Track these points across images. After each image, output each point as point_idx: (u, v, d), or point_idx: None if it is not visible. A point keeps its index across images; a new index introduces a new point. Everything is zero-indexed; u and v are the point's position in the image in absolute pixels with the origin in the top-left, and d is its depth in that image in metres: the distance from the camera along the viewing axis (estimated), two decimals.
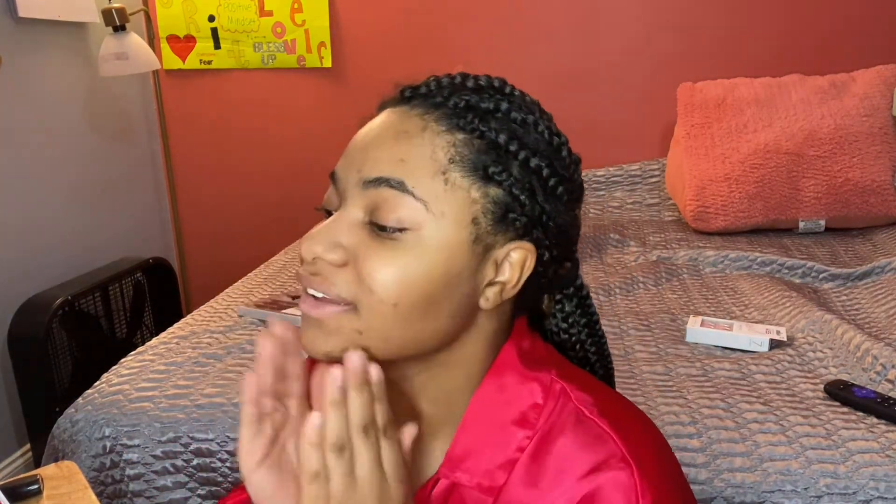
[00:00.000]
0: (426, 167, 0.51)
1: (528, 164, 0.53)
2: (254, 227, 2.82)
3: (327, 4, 2.55)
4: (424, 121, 0.52)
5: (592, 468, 0.50)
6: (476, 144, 0.52)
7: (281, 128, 2.71)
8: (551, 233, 0.54)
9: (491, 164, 0.52)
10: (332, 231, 0.52)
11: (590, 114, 2.52)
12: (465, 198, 0.51)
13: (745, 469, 0.96)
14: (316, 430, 0.47)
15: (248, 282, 1.84)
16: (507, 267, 0.54)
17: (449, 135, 0.52)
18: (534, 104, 0.57)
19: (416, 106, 0.54)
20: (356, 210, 0.52)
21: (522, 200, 0.52)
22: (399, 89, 0.56)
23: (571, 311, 0.63)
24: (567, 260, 0.59)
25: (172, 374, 1.29)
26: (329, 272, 0.51)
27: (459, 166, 0.51)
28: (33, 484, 0.83)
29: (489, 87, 0.55)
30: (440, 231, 0.51)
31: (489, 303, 0.54)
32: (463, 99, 0.53)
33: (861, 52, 2.31)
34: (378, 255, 0.50)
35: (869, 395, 1.07)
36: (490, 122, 0.53)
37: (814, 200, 2.03)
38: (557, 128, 0.57)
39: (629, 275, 1.77)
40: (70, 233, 2.33)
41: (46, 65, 2.22)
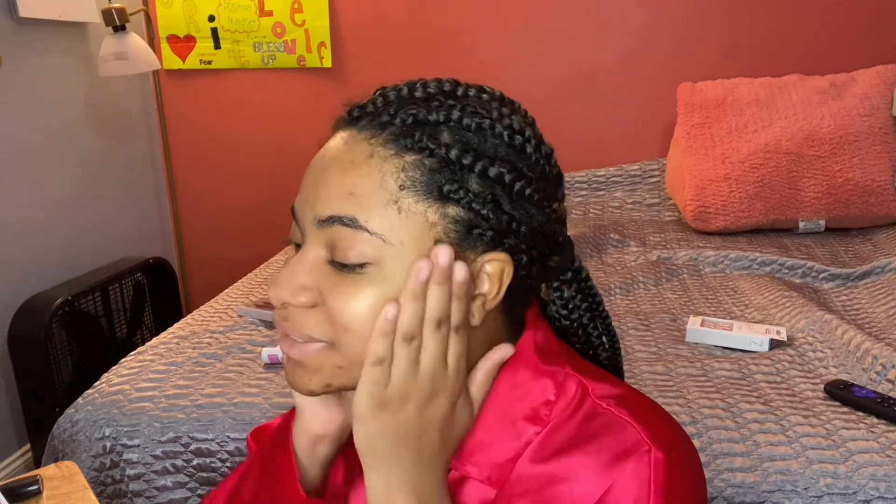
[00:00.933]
0: (377, 198, 0.49)
1: (487, 174, 0.50)
2: (254, 227, 2.82)
3: (327, 4, 2.55)
4: (371, 146, 0.50)
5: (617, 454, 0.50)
6: (427, 164, 0.49)
7: (281, 128, 2.71)
8: (525, 237, 0.52)
9: (445, 182, 0.49)
10: (296, 273, 0.51)
11: (590, 114, 2.52)
12: (423, 222, 0.49)
13: (745, 469, 0.96)
14: (388, 321, 0.49)
15: (248, 282, 1.84)
16: (484, 279, 0.52)
17: (397, 158, 0.49)
18: (491, 101, 0.53)
19: (363, 127, 0.51)
20: (317, 248, 0.51)
21: (485, 214, 0.50)
22: (347, 109, 0.54)
23: (571, 296, 0.62)
24: (553, 254, 0.56)
25: (172, 374, 1.29)
26: (299, 315, 0.51)
27: (412, 192, 0.49)
28: (33, 484, 0.83)
29: (439, 93, 0.53)
30: (402, 260, 0.49)
31: (474, 319, 0.53)
32: (409, 114, 0.50)
33: (861, 52, 2.31)
34: (344, 291, 0.50)
35: (869, 395, 1.07)
36: (440, 135, 0.50)
37: (814, 200, 2.02)
38: (521, 122, 0.53)
39: (629, 275, 1.77)
40: (70, 233, 2.33)
41: (46, 65, 2.23)
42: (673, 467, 0.49)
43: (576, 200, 2.43)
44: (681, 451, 0.51)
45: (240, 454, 1.13)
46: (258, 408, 1.17)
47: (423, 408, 0.50)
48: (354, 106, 0.54)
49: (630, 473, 0.49)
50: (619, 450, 0.50)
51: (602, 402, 0.53)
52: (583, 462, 0.51)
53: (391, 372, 0.49)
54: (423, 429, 0.51)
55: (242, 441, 1.13)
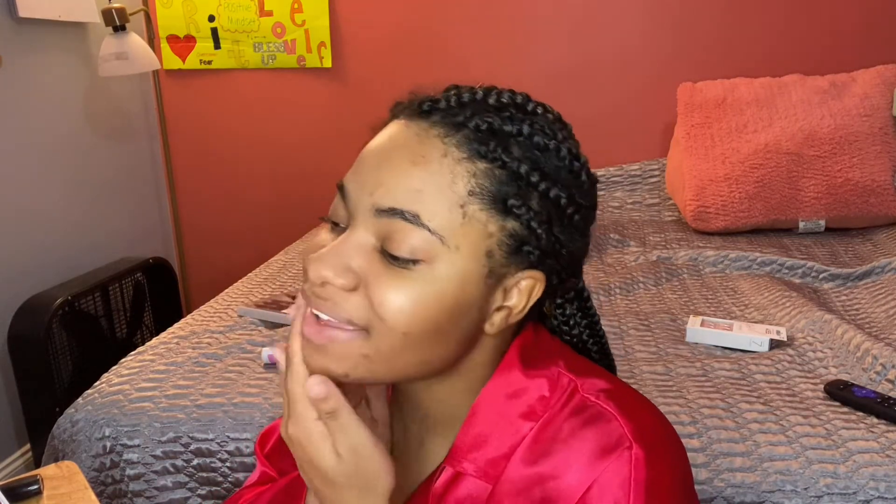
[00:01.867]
0: (444, 198, 0.49)
1: (549, 195, 0.51)
2: (254, 227, 2.82)
3: (327, 4, 2.55)
4: (445, 145, 0.50)
5: (601, 449, 0.50)
6: (497, 175, 0.49)
7: (281, 128, 2.71)
8: (563, 260, 0.53)
9: (511, 196, 0.49)
10: (342, 254, 0.50)
11: (590, 114, 2.52)
12: (482, 231, 0.49)
13: (745, 469, 0.96)
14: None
15: (248, 282, 1.84)
16: (515, 293, 0.53)
17: (470, 163, 0.49)
18: (556, 122, 0.55)
19: (435, 123, 0.51)
20: (367, 235, 0.50)
21: (539, 234, 0.51)
22: (417, 100, 0.53)
23: (573, 313, 0.63)
24: (574, 277, 0.58)
25: (172, 374, 1.29)
26: (338, 297, 0.50)
27: (479, 198, 0.49)
28: (33, 484, 0.83)
29: (512, 104, 0.53)
30: (454, 264, 0.49)
31: (494, 327, 0.53)
32: (485, 121, 0.50)
33: (861, 52, 2.31)
34: (389, 283, 0.49)
35: (869, 395, 1.07)
36: (512, 149, 0.50)
37: (814, 200, 2.02)
38: (577, 147, 0.55)
39: (629, 275, 1.77)
40: (70, 233, 2.33)
41: (46, 65, 2.22)
42: (655, 464, 0.50)
43: None
44: (664, 447, 0.52)
45: (240, 454, 1.13)
46: (258, 408, 1.17)
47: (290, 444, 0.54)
48: (426, 99, 0.53)
49: (611, 472, 0.49)
50: (602, 444, 0.50)
51: (591, 395, 0.54)
52: (568, 458, 0.51)
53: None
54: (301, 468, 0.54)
55: (242, 441, 1.13)
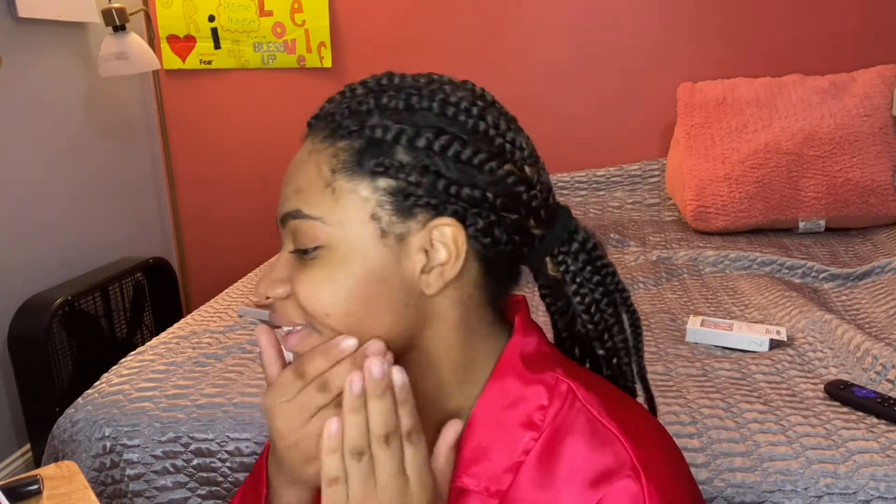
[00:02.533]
0: (315, 186, 0.53)
1: (414, 144, 0.52)
2: (254, 227, 2.82)
3: (327, 4, 2.55)
4: (312, 144, 0.55)
5: (601, 473, 0.50)
6: (357, 146, 0.53)
7: (281, 128, 2.71)
8: (470, 200, 0.52)
9: (371, 158, 0.52)
10: (274, 270, 0.56)
11: (590, 113, 2.52)
12: (356, 198, 0.52)
13: (745, 469, 0.96)
14: (334, 438, 0.47)
15: (248, 282, 1.84)
16: (440, 248, 0.52)
17: (331, 147, 0.53)
18: (428, 84, 0.55)
19: (309, 133, 0.56)
20: (288, 244, 0.56)
21: (416, 181, 0.51)
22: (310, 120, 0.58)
23: (578, 269, 0.58)
24: (528, 218, 0.55)
25: (172, 374, 1.29)
26: (280, 306, 0.56)
27: (343, 173, 0.52)
28: (33, 484, 0.83)
29: (377, 84, 0.56)
30: (345, 238, 0.52)
31: (432, 288, 0.53)
32: (344, 108, 0.54)
33: (861, 52, 2.31)
34: (301, 277, 0.53)
35: (869, 395, 1.07)
36: (370, 119, 0.53)
37: (814, 200, 2.02)
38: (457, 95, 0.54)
39: (629, 275, 1.77)
40: (70, 233, 2.33)
41: (46, 65, 2.22)
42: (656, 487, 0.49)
43: (576, 200, 2.43)
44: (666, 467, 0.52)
45: (240, 454, 1.13)
46: (258, 408, 1.16)
47: None
48: (311, 118, 0.58)
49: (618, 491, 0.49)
50: (603, 469, 0.50)
51: (592, 409, 0.53)
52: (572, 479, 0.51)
53: (348, 493, 0.48)
54: None
55: (242, 441, 1.13)
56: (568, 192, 2.45)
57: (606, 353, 0.61)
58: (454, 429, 0.52)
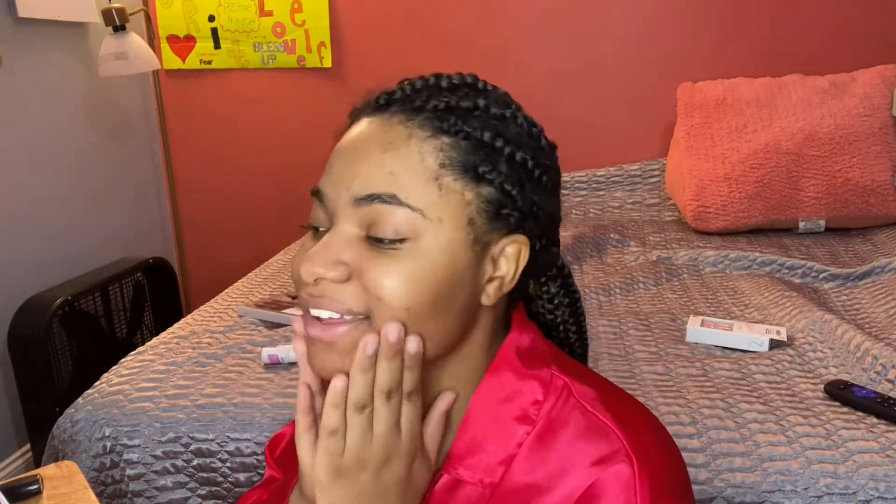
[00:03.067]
0: (417, 176, 0.51)
1: (514, 158, 0.53)
2: (254, 227, 2.82)
3: (327, 4, 2.55)
4: (408, 128, 0.52)
5: (595, 461, 0.51)
6: (463, 146, 0.52)
7: (281, 128, 2.71)
8: (542, 222, 0.56)
9: (480, 163, 0.52)
10: (330, 248, 0.51)
11: (590, 114, 2.52)
12: (460, 200, 0.51)
13: (745, 469, 0.96)
14: (338, 393, 0.51)
15: (248, 282, 1.84)
16: (503, 262, 0.54)
17: (435, 139, 0.52)
18: (507, 96, 0.57)
19: (395, 113, 0.53)
20: (350, 226, 0.52)
21: (514, 195, 0.53)
22: (373, 97, 0.56)
23: (556, 292, 0.64)
24: (554, 245, 0.60)
25: (172, 374, 1.29)
26: (334, 290, 0.51)
27: (451, 170, 0.51)
28: (33, 484, 0.83)
29: (463, 84, 0.56)
30: (439, 237, 0.51)
31: (490, 299, 0.55)
32: (442, 101, 0.53)
33: (861, 52, 2.31)
34: (381, 265, 0.50)
35: (869, 395, 1.07)
36: (472, 121, 0.53)
37: (814, 200, 2.03)
38: (531, 117, 0.57)
39: (629, 275, 1.77)
40: (70, 233, 2.33)
41: (46, 65, 2.22)
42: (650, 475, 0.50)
43: (576, 200, 2.43)
44: (661, 456, 0.52)
45: (240, 454, 1.13)
46: (258, 408, 1.17)
47: (378, 473, 0.52)
48: (382, 93, 0.55)
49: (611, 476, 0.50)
50: (597, 457, 0.51)
51: (587, 403, 0.54)
52: (562, 472, 0.52)
53: (346, 441, 0.51)
54: (381, 493, 0.52)
55: (243, 441, 1.13)
56: (568, 192, 2.45)
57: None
58: (447, 399, 0.56)
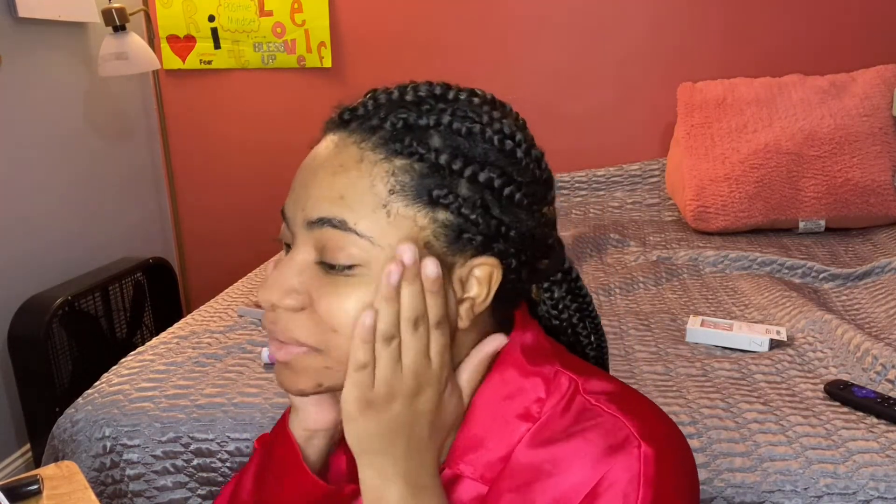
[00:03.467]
0: (366, 201, 0.49)
1: (477, 179, 0.50)
2: (254, 227, 2.82)
3: (327, 4, 2.55)
4: (361, 150, 0.50)
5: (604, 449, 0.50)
6: (417, 169, 0.49)
7: (281, 128, 2.71)
8: (514, 241, 0.52)
9: (435, 187, 0.49)
10: (285, 276, 0.51)
11: (590, 114, 2.52)
12: (412, 226, 0.49)
13: (745, 469, 0.96)
14: (367, 328, 0.49)
15: (248, 282, 1.84)
16: (473, 283, 0.52)
17: (387, 163, 0.49)
18: (482, 105, 0.54)
19: (353, 131, 0.51)
20: (306, 250, 0.51)
21: (475, 219, 0.50)
22: (338, 112, 0.54)
23: (561, 296, 0.62)
24: (543, 257, 0.57)
25: (172, 374, 1.29)
26: (287, 319, 0.51)
27: (401, 196, 0.49)
28: (33, 484, 0.83)
29: (430, 96, 0.53)
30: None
31: (464, 321, 0.53)
32: (400, 118, 0.51)
33: (861, 52, 2.31)
34: (333, 293, 0.50)
35: (869, 395, 1.07)
36: (430, 140, 0.50)
37: (814, 200, 2.03)
38: (512, 126, 0.53)
39: (629, 275, 1.77)
40: (70, 233, 2.33)
41: (46, 65, 2.22)
42: (663, 462, 0.50)
43: (576, 200, 2.43)
44: (671, 447, 0.52)
45: (240, 454, 1.13)
46: (258, 408, 1.17)
47: (410, 403, 0.51)
48: (345, 108, 0.54)
49: (620, 467, 0.49)
50: (608, 444, 0.50)
51: (592, 397, 0.53)
52: (572, 456, 0.51)
53: (375, 374, 0.50)
54: (412, 422, 0.51)
55: (243, 441, 1.13)
56: (568, 192, 2.45)
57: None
58: (495, 342, 0.55)
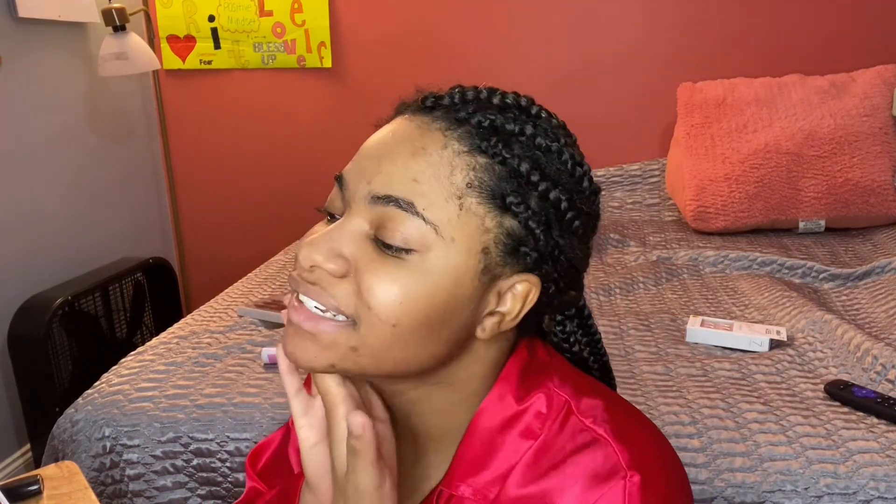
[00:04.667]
0: (441, 189, 0.48)
1: (548, 196, 0.50)
2: (254, 227, 2.82)
3: (327, 4, 2.55)
4: (446, 137, 0.49)
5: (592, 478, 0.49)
6: (497, 170, 0.49)
7: (281, 128, 2.71)
8: (561, 267, 0.52)
9: (510, 193, 0.49)
10: (334, 239, 0.49)
11: (590, 114, 2.52)
12: (479, 226, 0.49)
13: (745, 469, 0.96)
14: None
15: (248, 282, 1.84)
16: (509, 298, 0.51)
17: (470, 157, 0.49)
18: (559, 128, 0.54)
19: (437, 118, 0.51)
20: (361, 221, 0.49)
21: (537, 234, 0.50)
22: (421, 96, 0.53)
23: (573, 330, 0.62)
24: (573, 289, 0.56)
25: (172, 374, 1.29)
26: (328, 283, 0.49)
27: (477, 192, 0.48)
28: (33, 484, 0.83)
29: (516, 106, 0.53)
30: (448, 257, 0.48)
31: (485, 333, 0.52)
32: (488, 118, 0.50)
33: (861, 52, 2.31)
34: (380, 271, 0.48)
35: (869, 395, 1.07)
36: (513, 146, 0.50)
37: (814, 200, 2.02)
38: (581, 155, 0.54)
39: (629, 275, 1.77)
40: (70, 233, 2.33)
41: (46, 65, 2.22)
42: (650, 491, 0.49)
43: None
44: (661, 471, 0.51)
45: (240, 454, 1.13)
46: (258, 408, 1.17)
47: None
48: (430, 95, 0.53)
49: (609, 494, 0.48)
50: (596, 473, 0.49)
51: (586, 419, 0.52)
52: (562, 484, 0.50)
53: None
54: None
55: (242, 441, 1.13)
56: None
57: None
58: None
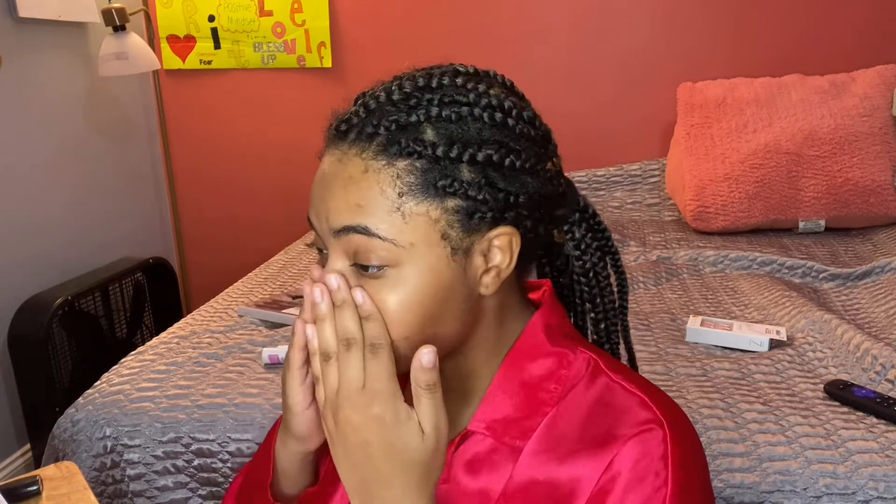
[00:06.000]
0: (381, 207, 0.51)
1: (476, 160, 0.52)
2: (254, 227, 2.82)
3: (327, 4, 2.55)
4: (363, 160, 0.52)
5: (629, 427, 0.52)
6: (419, 166, 0.51)
7: (281, 128, 2.71)
8: (525, 206, 0.54)
9: (439, 179, 0.51)
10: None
11: (590, 114, 2.52)
12: (427, 221, 0.52)
13: (744, 469, 0.96)
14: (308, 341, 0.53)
15: (248, 282, 1.84)
16: (495, 253, 0.54)
17: (390, 168, 0.51)
18: (466, 84, 0.55)
19: (353, 142, 0.53)
20: (340, 258, 0.54)
21: (483, 198, 0.52)
22: (334, 124, 0.55)
23: (582, 235, 0.62)
24: (558, 207, 0.59)
25: (173, 374, 1.29)
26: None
27: (410, 196, 0.51)
28: (33, 484, 0.83)
29: (415, 90, 0.54)
30: (416, 260, 0.52)
31: (489, 289, 0.55)
32: (391, 121, 0.52)
33: (861, 52, 2.31)
34: (370, 290, 0.52)
35: (869, 395, 1.07)
36: (424, 135, 0.52)
37: (814, 200, 2.03)
38: (500, 94, 0.55)
39: (629, 275, 1.77)
40: (70, 233, 2.33)
41: (46, 65, 2.22)
42: (680, 442, 0.52)
43: None
44: (687, 427, 0.55)
45: (241, 455, 1.13)
46: (259, 408, 1.17)
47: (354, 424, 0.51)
48: (340, 121, 0.55)
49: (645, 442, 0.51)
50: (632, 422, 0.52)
51: (614, 375, 0.56)
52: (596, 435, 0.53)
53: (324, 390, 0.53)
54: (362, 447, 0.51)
55: (243, 442, 1.13)
56: None
57: (596, 315, 0.65)
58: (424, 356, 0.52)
